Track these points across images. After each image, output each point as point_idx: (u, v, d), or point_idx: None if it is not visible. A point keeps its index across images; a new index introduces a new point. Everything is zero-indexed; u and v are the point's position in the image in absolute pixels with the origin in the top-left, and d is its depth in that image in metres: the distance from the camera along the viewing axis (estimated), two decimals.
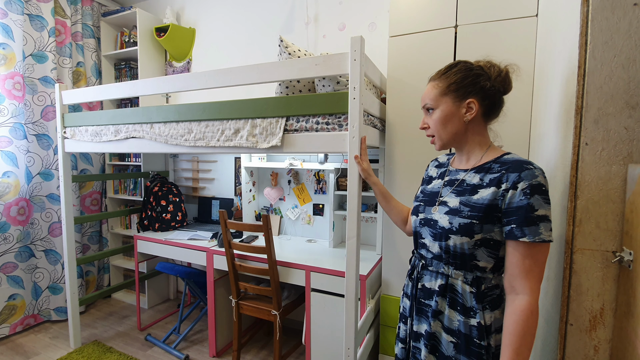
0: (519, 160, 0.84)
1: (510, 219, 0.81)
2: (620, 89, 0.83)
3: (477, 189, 0.88)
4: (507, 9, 1.45)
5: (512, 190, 0.81)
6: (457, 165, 1.00)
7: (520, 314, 0.78)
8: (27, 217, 2.54)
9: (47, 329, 2.61)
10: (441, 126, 0.94)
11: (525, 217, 0.78)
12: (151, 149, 1.82)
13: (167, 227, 2.68)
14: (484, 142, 0.95)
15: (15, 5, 2.38)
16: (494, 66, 0.91)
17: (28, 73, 2.50)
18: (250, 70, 1.48)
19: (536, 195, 0.78)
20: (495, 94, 0.90)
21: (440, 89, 0.93)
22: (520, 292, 0.80)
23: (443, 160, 1.09)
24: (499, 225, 0.84)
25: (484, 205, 0.84)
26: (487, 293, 0.87)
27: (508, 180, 0.82)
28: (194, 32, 2.96)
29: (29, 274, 2.56)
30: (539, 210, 0.78)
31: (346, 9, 2.33)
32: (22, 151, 2.48)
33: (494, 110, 0.93)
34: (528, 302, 0.78)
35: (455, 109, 0.91)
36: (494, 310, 0.87)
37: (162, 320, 2.76)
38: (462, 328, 0.88)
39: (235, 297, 2.05)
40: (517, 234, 0.79)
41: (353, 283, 1.34)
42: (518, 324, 0.78)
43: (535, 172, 0.80)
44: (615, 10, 0.83)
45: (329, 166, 2.21)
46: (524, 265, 0.79)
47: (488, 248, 0.86)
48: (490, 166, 0.89)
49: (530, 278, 0.79)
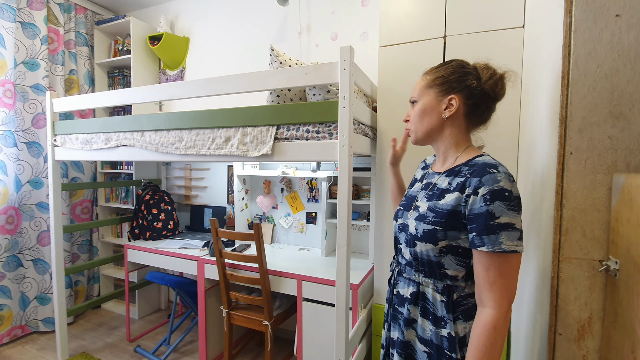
0: (484, 164, 0.79)
1: (472, 227, 0.77)
2: (604, 99, 0.83)
3: (444, 194, 0.85)
4: (494, 20, 1.47)
5: (474, 196, 0.77)
6: (435, 167, 0.97)
7: (483, 328, 0.74)
8: (16, 226, 2.50)
9: (35, 340, 2.55)
10: (419, 119, 0.92)
11: (485, 225, 0.74)
12: (142, 157, 1.80)
13: (159, 236, 2.65)
14: (461, 143, 0.90)
15: (7, 13, 2.38)
16: (489, 69, 0.88)
17: (19, 80, 2.49)
18: (241, 79, 1.48)
19: (497, 202, 0.73)
20: (482, 95, 0.86)
21: (426, 81, 0.92)
22: (486, 304, 0.75)
23: (429, 162, 1.05)
24: (465, 232, 0.80)
25: (446, 212, 0.81)
26: (460, 302, 0.84)
27: (470, 185, 0.78)
28: (188, 41, 2.97)
29: (16, 284, 2.51)
30: (501, 217, 0.73)
31: (338, 19, 2.35)
32: (12, 159, 2.45)
33: (478, 112, 0.88)
34: (492, 316, 0.73)
35: (436, 104, 0.89)
36: (468, 321, 0.83)
37: (152, 331, 2.71)
38: (434, 338, 0.86)
39: (226, 307, 2.02)
40: (476, 243, 0.76)
41: (344, 292, 1.32)
42: (480, 338, 0.74)
43: (497, 176, 0.75)
44: (598, 21, 0.84)
45: (322, 174, 2.21)
46: (488, 277, 0.75)
47: (456, 256, 0.83)
48: (460, 169, 0.85)
49: (494, 290, 0.74)
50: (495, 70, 0.88)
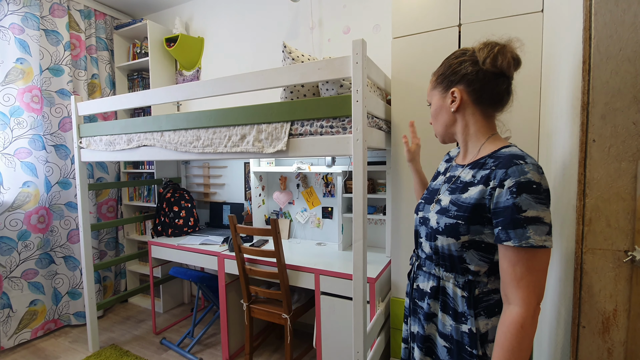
0: (511, 155, 0.76)
1: (497, 221, 0.74)
2: (627, 83, 0.80)
3: (467, 187, 0.82)
4: (511, 5, 1.42)
5: (499, 189, 0.74)
6: (459, 160, 0.96)
7: (509, 327, 0.71)
8: (47, 225, 2.63)
9: (67, 333, 2.69)
10: (434, 120, 0.95)
11: (511, 219, 0.71)
12: (162, 156, 1.86)
13: (180, 233, 2.73)
14: (482, 133, 0.87)
15: (31, 21, 2.49)
16: (487, 46, 0.83)
17: (45, 86, 2.60)
18: (255, 76, 1.50)
19: (524, 195, 0.70)
20: (485, 77, 0.82)
21: (432, 83, 0.94)
22: (512, 302, 0.73)
23: (453, 154, 1.04)
24: (489, 227, 0.78)
25: (470, 205, 0.79)
26: (482, 298, 0.82)
27: (495, 177, 0.75)
28: (203, 41, 3.02)
29: (49, 280, 2.65)
30: (528, 211, 0.70)
31: (350, 12, 2.33)
32: (41, 161, 2.57)
33: (487, 95, 0.84)
34: (519, 314, 0.71)
35: (442, 102, 0.90)
36: (491, 318, 0.81)
37: (176, 324, 2.81)
38: (454, 334, 0.84)
39: (246, 300, 2.06)
40: (502, 237, 0.73)
41: (360, 286, 1.33)
42: (507, 337, 0.71)
43: (524, 167, 0.72)
44: (620, 2, 0.80)
45: (337, 169, 2.21)
46: (515, 273, 0.72)
47: (479, 251, 0.80)
48: (484, 161, 0.82)
49: (522, 287, 0.71)
50: (494, 45, 0.82)
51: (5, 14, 2.38)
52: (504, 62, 0.81)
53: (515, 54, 0.83)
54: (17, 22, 2.43)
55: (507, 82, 0.84)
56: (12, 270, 2.42)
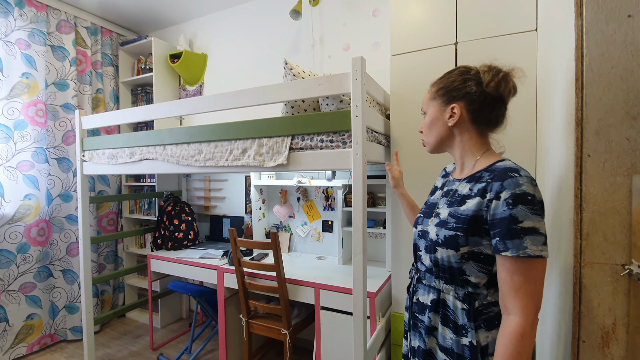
0: (505, 168, 0.79)
1: (495, 232, 0.76)
2: (619, 100, 0.82)
3: (465, 200, 0.85)
4: (506, 24, 1.47)
5: (496, 201, 0.76)
6: (455, 174, 0.98)
7: (509, 337, 0.72)
8: (47, 238, 2.62)
9: (63, 348, 2.65)
10: (428, 130, 0.96)
11: (508, 230, 0.73)
12: (164, 169, 1.88)
13: (180, 246, 2.72)
14: (476, 148, 0.90)
15: (38, 37, 2.55)
16: (491, 70, 0.86)
17: (50, 100, 2.65)
18: (256, 92, 1.53)
19: (520, 206, 0.73)
20: (485, 99, 0.86)
21: (431, 93, 0.96)
22: (511, 312, 0.73)
23: (449, 170, 1.06)
24: (487, 238, 0.79)
25: (468, 217, 0.81)
26: (482, 311, 0.82)
27: (492, 189, 0.78)
28: (206, 57, 3.09)
29: (46, 294, 2.62)
30: (525, 222, 0.72)
31: (350, 30, 2.40)
32: (44, 174, 2.59)
33: (484, 116, 0.87)
34: (518, 323, 0.71)
35: (440, 114, 0.92)
36: (491, 330, 0.82)
37: (174, 340, 2.77)
38: (455, 347, 0.84)
39: (245, 315, 2.04)
40: (500, 248, 0.75)
41: (361, 301, 1.32)
42: (507, 347, 0.72)
43: (519, 180, 0.75)
44: (610, 22, 0.84)
45: (337, 183, 2.23)
46: (513, 283, 0.73)
47: (478, 262, 0.82)
48: (480, 175, 0.85)
49: (520, 297, 0.72)
50: (499, 70, 0.86)
51: (12, 30, 2.45)
52: (505, 89, 0.85)
53: (514, 83, 0.87)
54: (24, 37, 2.49)
55: (504, 107, 0.89)
56: (10, 284, 2.41)
